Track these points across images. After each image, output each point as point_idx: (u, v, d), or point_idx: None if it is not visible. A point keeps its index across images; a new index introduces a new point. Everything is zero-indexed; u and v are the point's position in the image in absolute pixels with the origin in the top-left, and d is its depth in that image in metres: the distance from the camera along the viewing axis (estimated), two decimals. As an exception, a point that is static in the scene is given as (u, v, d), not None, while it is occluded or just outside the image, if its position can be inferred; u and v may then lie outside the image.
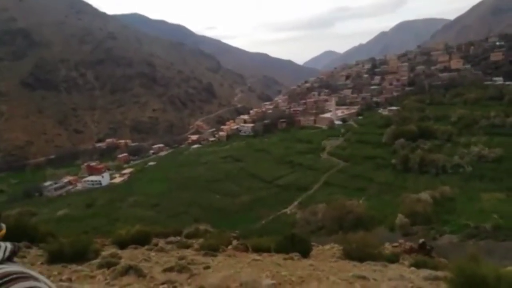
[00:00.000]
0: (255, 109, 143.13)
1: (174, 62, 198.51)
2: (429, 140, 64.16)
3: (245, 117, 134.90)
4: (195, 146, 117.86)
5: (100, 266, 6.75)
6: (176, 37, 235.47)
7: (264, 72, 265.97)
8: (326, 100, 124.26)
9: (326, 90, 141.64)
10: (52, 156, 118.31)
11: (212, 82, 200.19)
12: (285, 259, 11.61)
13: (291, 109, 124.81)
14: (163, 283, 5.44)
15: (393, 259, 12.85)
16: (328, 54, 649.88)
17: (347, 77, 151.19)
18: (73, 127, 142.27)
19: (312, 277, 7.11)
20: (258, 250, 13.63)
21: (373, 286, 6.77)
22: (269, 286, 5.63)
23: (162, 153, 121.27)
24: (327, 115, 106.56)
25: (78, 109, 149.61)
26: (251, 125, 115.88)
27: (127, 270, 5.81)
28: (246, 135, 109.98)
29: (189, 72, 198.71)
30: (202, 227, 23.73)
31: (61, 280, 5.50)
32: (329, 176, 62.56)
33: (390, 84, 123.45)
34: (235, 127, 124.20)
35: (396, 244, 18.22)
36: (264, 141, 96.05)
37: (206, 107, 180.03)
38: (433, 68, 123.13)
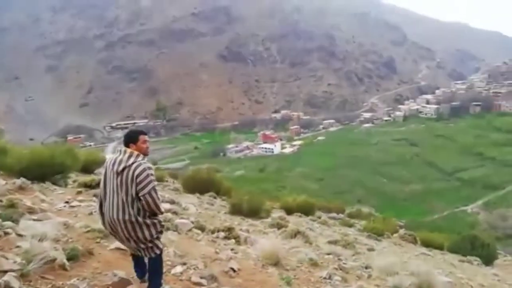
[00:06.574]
0: (442, 89, 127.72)
1: (355, 34, 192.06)
2: None
3: (429, 97, 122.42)
4: (367, 124, 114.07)
5: (271, 225, 7.45)
6: (362, 7, 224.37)
7: (459, 45, 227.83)
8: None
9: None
10: (236, 122, 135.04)
11: (394, 56, 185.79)
12: (461, 261, 10.41)
13: (490, 91, 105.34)
14: (328, 254, 5.59)
15: None
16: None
17: None
18: (254, 97, 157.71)
19: (498, 289, 6.05)
20: (427, 245, 12.61)
21: None
22: (446, 284, 5.03)
23: (332, 129, 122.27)
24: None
25: (261, 81, 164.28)
26: (435, 106, 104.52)
27: (295, 234, 6.26)
28: (427, 118, 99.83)
29: (370, 46, 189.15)
30: (365, 209, 23.42)
31: (241, 230, 6.36)
32: (532, 176, 51.02)
33: None
34: (415, 107, 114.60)
35: None
36: (449, 126, 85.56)
37: (384, 83, 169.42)
38: None
